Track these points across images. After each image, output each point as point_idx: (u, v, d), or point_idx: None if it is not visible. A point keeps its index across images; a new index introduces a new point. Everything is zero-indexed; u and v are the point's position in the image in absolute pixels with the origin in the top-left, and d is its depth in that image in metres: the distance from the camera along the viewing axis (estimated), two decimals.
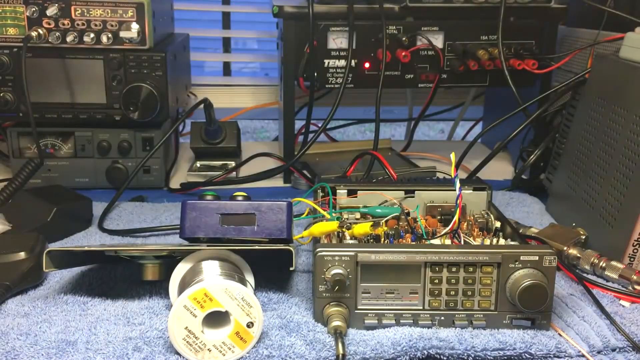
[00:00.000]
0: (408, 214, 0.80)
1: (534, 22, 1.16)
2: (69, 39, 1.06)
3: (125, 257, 0.74)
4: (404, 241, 0.74)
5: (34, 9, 1.04)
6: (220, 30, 3.15)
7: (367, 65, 1.16)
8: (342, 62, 1.15)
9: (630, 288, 0.76)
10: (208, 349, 0.62)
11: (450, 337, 0.64)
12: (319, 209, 0.81)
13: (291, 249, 0.70)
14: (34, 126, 1.01)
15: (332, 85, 1.17)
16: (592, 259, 0.80)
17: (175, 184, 1.18)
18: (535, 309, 0.65)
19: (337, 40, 1.14)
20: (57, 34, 1.05)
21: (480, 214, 0.80)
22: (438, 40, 1.16)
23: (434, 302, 0.67)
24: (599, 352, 0.65)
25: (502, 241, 0.75)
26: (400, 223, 0.78)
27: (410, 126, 1.57)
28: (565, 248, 0.83)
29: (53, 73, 1.09)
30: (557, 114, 1.12)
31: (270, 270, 0.79)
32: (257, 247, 0.71)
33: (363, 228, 0.71)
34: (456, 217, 0.71)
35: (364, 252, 0.66)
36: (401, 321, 0.67)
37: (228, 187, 1.16)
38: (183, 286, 0.67)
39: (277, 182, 1.21)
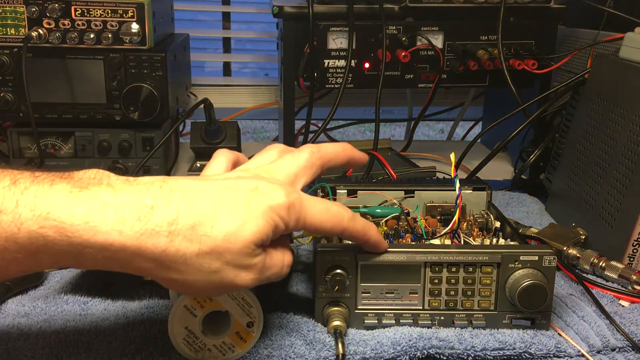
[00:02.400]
0: (408, 214, 0.80)
1: (533, 22, 1.16)
2: (69, 39, 1.06)
3: None
4: (404, 241, 0.74)
5: (34, 9, 1.04)
6: (220, 30, 3.15)
7: (367, 65, 1.16)
8: (342, 62, 1.15)
9: (629, 288, 0.76)
10: (208, 349, 0.62)
11: (450, 337, 0.64)
12: None
13: (291, 248, 0.70)
14: (34, 126, 1.01)
15: (332, 86, 1.17)
16: (591, 259, 0.80)
17: None
18: (535, 308, 0.65)
19: (337, 41, 1.14)
20: (58, 34, 1.05)
21: (480, 214, 0.80)
22: (438, 41, 1.16)
23: (433, 302, 0.67)
24: (598, 352, 0.65)
25: (501, 241, 0.75)
26: (400, 223, 0.78)
27: (410, 126, 1.57)
28: (565, 248, 0.83)
29: (53, 73, 1.09)
30: (557, 114, 1.12)
31: None
32: None
33: None
34: (456, 217, 0.71)
35: (364, 252, 0.66)
36: (401, 321, 0.67)
37: None
38: None
39: None
